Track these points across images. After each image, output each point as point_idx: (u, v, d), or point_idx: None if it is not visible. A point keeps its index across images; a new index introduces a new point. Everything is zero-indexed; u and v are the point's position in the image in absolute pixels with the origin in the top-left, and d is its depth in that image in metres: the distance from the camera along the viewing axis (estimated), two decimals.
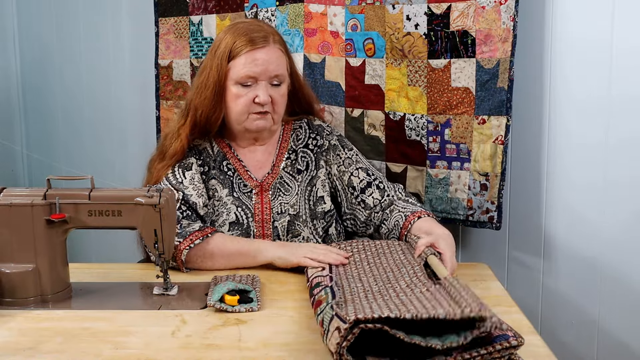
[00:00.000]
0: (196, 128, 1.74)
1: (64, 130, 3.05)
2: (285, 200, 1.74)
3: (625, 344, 1.81)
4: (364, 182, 1.79)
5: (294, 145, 1.81)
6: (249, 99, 1.68)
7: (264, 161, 1.79)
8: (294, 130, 1.83)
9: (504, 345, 1.05)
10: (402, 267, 1.45)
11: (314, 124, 1.85)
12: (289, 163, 1.79)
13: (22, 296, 1.42)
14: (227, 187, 1.74)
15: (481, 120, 1.86)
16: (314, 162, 1.79)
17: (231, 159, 1.77)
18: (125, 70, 2.77)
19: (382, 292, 1.31)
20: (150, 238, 1.44)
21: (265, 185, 1.75)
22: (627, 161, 1.75)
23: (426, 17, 1.89)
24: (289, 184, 1.76)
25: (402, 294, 1.26)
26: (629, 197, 1.76)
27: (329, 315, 1.13)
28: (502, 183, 1.85)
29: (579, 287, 1.87)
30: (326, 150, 1.81)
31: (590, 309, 1.85)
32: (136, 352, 1.20)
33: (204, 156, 1.76)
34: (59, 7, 2.95)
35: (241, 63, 1.67)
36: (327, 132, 1.84)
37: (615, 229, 1.78)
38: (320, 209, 1.77)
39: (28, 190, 1.46)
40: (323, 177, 1.79)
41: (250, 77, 1.67)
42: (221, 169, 1.75)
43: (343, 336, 1.04)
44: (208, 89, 1.69)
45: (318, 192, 1.77)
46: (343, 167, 1.80)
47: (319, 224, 1.76)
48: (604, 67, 1.75)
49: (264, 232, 1.72)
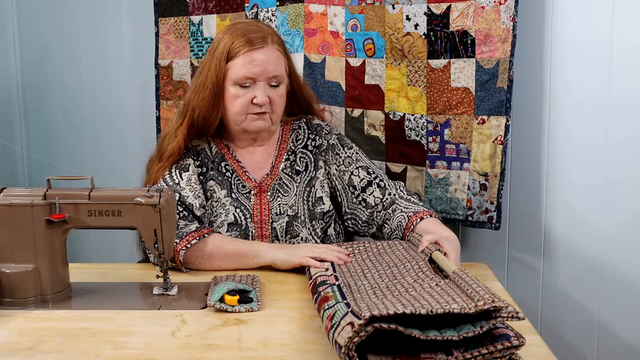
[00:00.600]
0: (193, 129, 1.73)
1: (64, 130, 3.06)
2: (284, 201, 1.74)
3: (625, 344, 1.81)
4: (365, 181, 1.78)
5: (292, 146, 1.81)
6: (247, 99, 1.68)
7: (262, 162, 1.79)
8: (293, 131, 1.83)
9: (505, 345, 1.06)
10: (407, 262, 1.45)
11: (312, 124, 1.85)
12: (288, 164, 1.79)
13: (22, 296, 1.42)
14: (226, 188, 1.73)
15: (481, 120, 1.86)
16: (312, 162, 1.79)
17: (229, 159, 1.76)
18: (125, 70, 2.77)
19: (390, 287, 1.31)
20: (150, 238, 1.44)
21: (264, 186, 1.75)
22: (627, 161, 1.75)
23: (426, 17, 1.89)
24: (288, 185, 1.76)
25: (411, 289, 1.26)
26: (629, 197, 1.76)
27: (342, 310, 1.13)
28: (501, 183, 1.85)
29: (579, 287, 1.87)
30: (325, 150, 1.81)
31: (590, 309, 1.85)
32: (136, 352, 1.20)
33: (202, 157, 1.76)
34: (59, 7, 2.95)
35: (239, 64, 1.67)
36: (326, 131, 1.84)
37: (615, 229, 1.78)
38: (319, 209, 1.76)
39: (28, 190, 1.46)
40: (322, 177, 1.79)
41: (249, 77, 1.67)
42: (219, 170, 1.75)
43: (356, 331, 1.04)
44: (206, 90, 1.68)
45: (317, 192, 1.77)
46: (343, 166, 1.80)
47: (318, 224, 1.76)
48: (604, 67, 1.75)
49: (262, 232, 1.72)
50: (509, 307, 1.06)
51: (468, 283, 1.16)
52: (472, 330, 1.04)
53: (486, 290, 1.11)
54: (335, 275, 1.40)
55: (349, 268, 1.51)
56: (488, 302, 1.05)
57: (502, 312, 1.05)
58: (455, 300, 1.11)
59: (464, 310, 1.04)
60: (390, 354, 1.06)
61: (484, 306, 1.04)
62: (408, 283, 1.32)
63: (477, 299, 1.08)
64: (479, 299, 1.07)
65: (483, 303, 1.05)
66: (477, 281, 1.16)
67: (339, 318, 1.12)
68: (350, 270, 1.49)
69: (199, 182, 1.73)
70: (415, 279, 1.33)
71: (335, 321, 1.12)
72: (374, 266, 1.48)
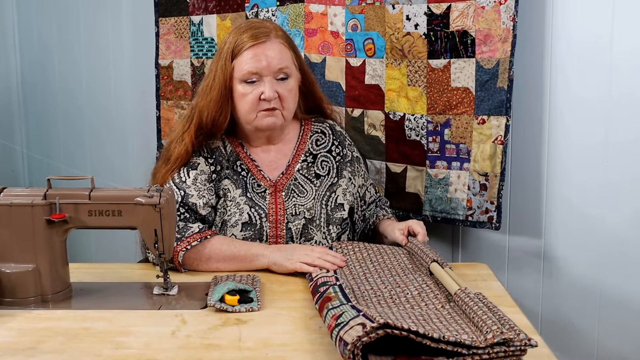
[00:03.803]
0: (201, 131, 1.71)
1: (64, 130, 3.06)
2: (300, 202, 1.73)
3: (625, 343, 1.81)
4: (372, 198, 1.88)
5: (312, 149, 1.79)
6: (255, 96, 1.66)
7: (277, 161, 1.77)
8: (314, 134, 1.81)
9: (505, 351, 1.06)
10: (410, 273, 1.47)
11: (336, 130, 1.83)
12: (305, 165, 1.77)
13: (22, 296, 1.42)
14: (241, 187, 1.72)
15: (481, 120, 1.86)
16: (335, 169, 1.78)
17: (244, 158, 1.75)
18: (125, 70, 2.77)
19: (393, 297, 1.33)
20: (150, 238, 1.44)
21: (279, 186, 1.73)
22: (627, 161, 1.75)
23: (426, 17, 1.89)
24: (304, 187, 1.74)
25: (417, 306, 1.28)
26: (629, 197, 1.75)
27: (352, 312, 1.13)
28: (501, 183, 1.85)
29: (578, 287, 1.87)
30: (350, 162, 1.81)
31: (590, 309, 1.85)
32: (136, 352, 1.20)
33: (216, 155, 1.74)
34: (59, 7, 2.95)
35: (244, 60, 1.65)
36: (349, 142, 1.85)
37: (615, 229, 1.78)
38: (339, 215, 1.76)
39: (28, 190, 1.46)
40: (345, 186, 1.78)
41: (253, 72, 1.65)
42: (234, 169, 1.73)
43: (367, 332, 1.04)
44: (214, 91, 1.67)
45: (338, 199, 1.77)
46: (362, 180, 1.85)
47: (335, 229, 1.75)
48: (604, 67, 1.75)
49: (277, 232, 1.70)
50: (520, 334, 1.06)
51: (473, 310, 1.16)
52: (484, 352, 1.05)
53: (491, 315, 1.12)
54: (336, 277, 1.40)
55: (350, 269, 1.51)
56: (497, 335, 1.05)
57: (514, 341, 1.05)
58: (465, 331, 1.12)
59: (475, 343, 1.05)
60: (391, 355, 1.07)
61: (493, 339, 1.05)
62: (412, 295, 1.34)
63: (485, 330, 1.08)
64: (487, 330, 1.07)
65: (492, 336, 1.05)
66: (480, 304, 1.17)
67: (347, 318, 1.12)
68: (352, 272, 1.49)
69: (209, 181, 1.71)
70: (420, 291, 1.36)
71: (343, 320, 1.12)
72: (376, 270, 1.49)
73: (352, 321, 1.10)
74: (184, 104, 2.40)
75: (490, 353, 1.04)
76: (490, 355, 1.04)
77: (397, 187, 2.05)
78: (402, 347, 1.07)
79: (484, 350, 1.04)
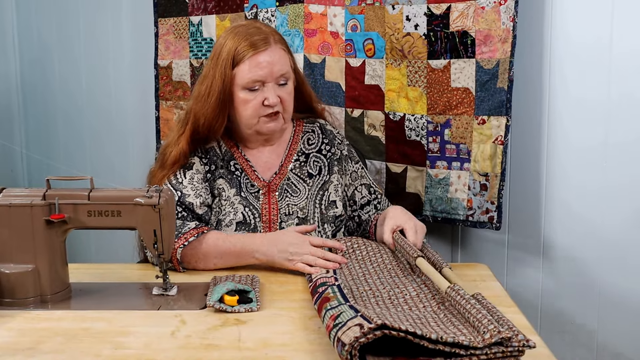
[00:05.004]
0: (197, 136, 1.72)
1: (63, 130, 3.05)
2: (293, 202, 1.73)
3: (625, 343, 1.81)
4: (365, 199, 1.82)
5: (304, 148, 1.80)
6: (258, 102, 1.67)
7: (271, 162, 1.78)
8: (305, 133, 1.82)
9: (504, 352, 1.06)
10: (409, 273, 1.47)
11: (326, 129, 1.84)
12: (297, 165, 1.78)
13: (21, 296, 1.42)
14: (235, 187, 1.73)
15: (481, 120, 1.86)
16: (326, 167, 1.79)
17: (238, 158, 1.76)
18: (125, 70, 2.77)
19: (392, 298, 1.33)
20: (150, 238, 1.44)
21: (273, 186, 1.74)
22: (626, 162, 1.75)
23: (426, 18, 1.89)
24: (297, 186, 1.75)
25: (414, 307, 1.28)
26: (629, 198, 1.76)
27: (350, 313, 1.13)
28: (501, 183, 1.85)
29: (578, 286, 1.87)
30: (339, 160, 1.81)
31: (590, 309, 1.85)
32: (136, 353, 1.20)
33: (210, 155, 1.75)
34: (59, 7, 2.95)
35: (246, 68, 1.66)
36: (339, 140, 1.84)
37: (614, 229, 1.78)
38: (332, 213, 1.76)
39: (28, 191, 1.45)
40: (336, 182, 1.78)
41: (257, 81, 1.66)
42: (229, 169, 1.74)
43: (364, 333, 1.04)
44: (212, 97, 1.67)
45: (330, 196, 1.77)
46: (350, 179, 1.82)
47: (329, 227, 1.75)
48: (604, 68, 1.75)
49: (270, 232, 1.71)
50: (519, 335, 1.05)
51: (466, 308, 1.16)
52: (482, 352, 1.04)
53: (486, 313, 1.11)
54: (335, 277, 1.40)
55: (350, 269, 1.51)
56: (495, 334, 1.05)
57: (512, 341, 1.05)
58: (462, 332, 1.12)
59: (472, 344, 1.04)
60: (389, 356, 1.07)
61: (491, 339, 1.04)
62: (410, 296, 1.34)
63: (482, 330, 1.08)
64: (484, 330, 1.07)
65: (490, 336, 1.05)
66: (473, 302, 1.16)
67: (345, 319, 1.12)
68: (351, 272, 1.49)
69: (204, 181, 1.72)
70: (418, 292, 1.36)
71: (341, 321, 1.12)
72: (375, 271, 1.49)
73: (349, 322, 1.09)
74: (183, 104, 2.40)
75: (489, 354, 1.04)
76: (488, 356, 1.04)
77: (398, 188, 2.05)
78: (400, 348, 1.07)
79: (481, 350, 1.04)
